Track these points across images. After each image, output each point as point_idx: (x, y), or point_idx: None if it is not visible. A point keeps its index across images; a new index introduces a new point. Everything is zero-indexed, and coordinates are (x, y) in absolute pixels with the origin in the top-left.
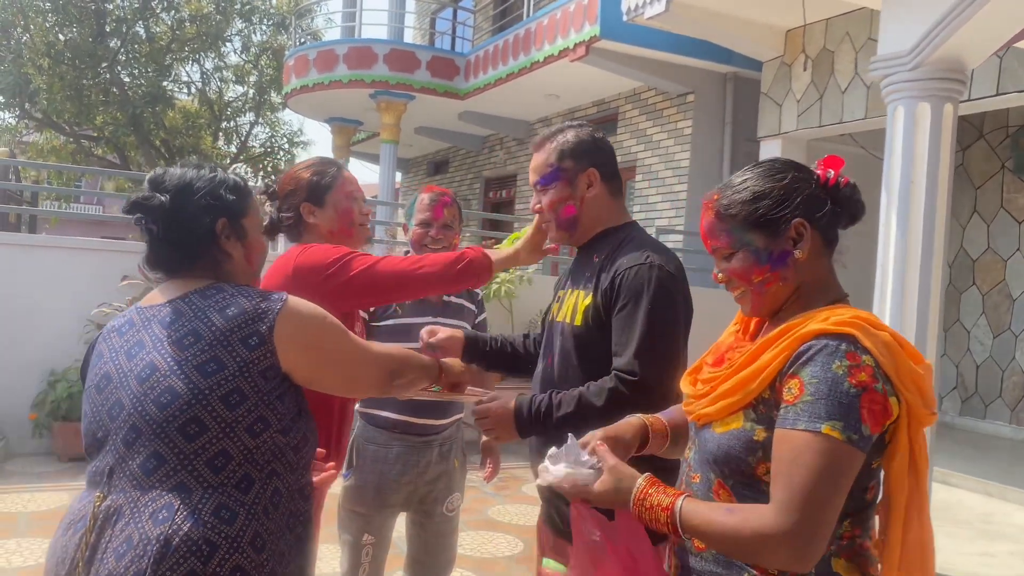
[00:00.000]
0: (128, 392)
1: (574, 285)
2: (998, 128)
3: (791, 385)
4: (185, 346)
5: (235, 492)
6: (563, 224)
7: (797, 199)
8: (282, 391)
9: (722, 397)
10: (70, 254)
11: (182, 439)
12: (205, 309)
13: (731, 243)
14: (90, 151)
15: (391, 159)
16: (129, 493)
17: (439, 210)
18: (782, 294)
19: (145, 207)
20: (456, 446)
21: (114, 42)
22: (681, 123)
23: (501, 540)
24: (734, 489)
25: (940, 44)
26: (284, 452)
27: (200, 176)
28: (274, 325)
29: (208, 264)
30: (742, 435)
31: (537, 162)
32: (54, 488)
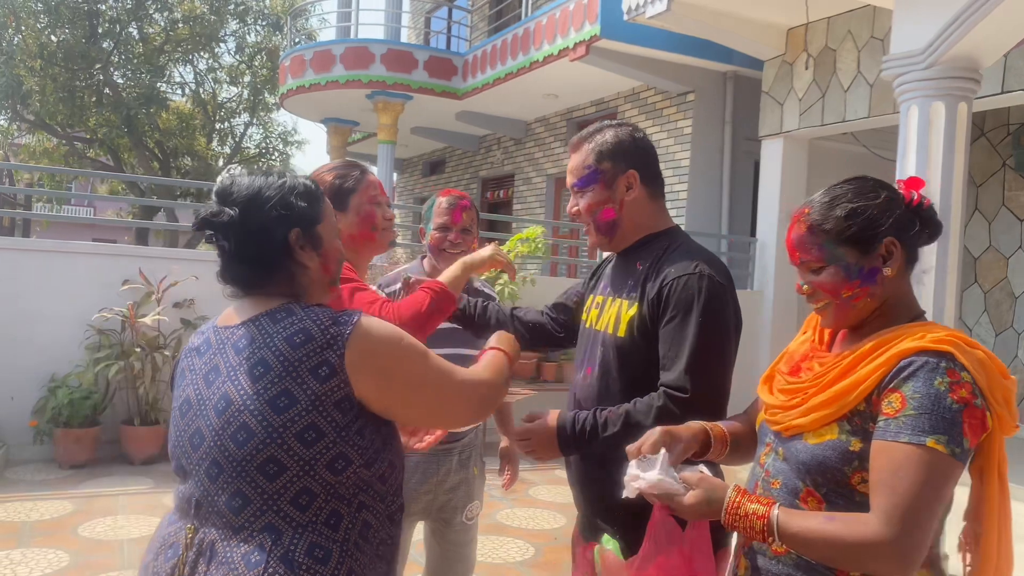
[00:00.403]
0: (207, 423)
1: (615, 293)
2: (999, 126)
3: (892, 399)
4: (256, 377)
5: (325, 529)
6: (602, 228)
7: (890, 218)
8: (362, 424)
9: (816, 409)
10: (71, 258)
11: (263, 479)
12: (273, 336)
13: (822, 257)
14: (83, 153)
15: (389, 160)
16: (221, 531)
17: (458, 214)
18: (867, 309)
19: (214, 223)
20: (475, 453)
21: (107, 43)
22: (681, 123)
23: (512, 545)
24: (826, 497)
25: (955, 43)
26: (371, 484)
27: (269, 184)
28: (344, 352)
29: (284, 278)
30: (838, 446)
31: (574, 163)
32: (57, 496)
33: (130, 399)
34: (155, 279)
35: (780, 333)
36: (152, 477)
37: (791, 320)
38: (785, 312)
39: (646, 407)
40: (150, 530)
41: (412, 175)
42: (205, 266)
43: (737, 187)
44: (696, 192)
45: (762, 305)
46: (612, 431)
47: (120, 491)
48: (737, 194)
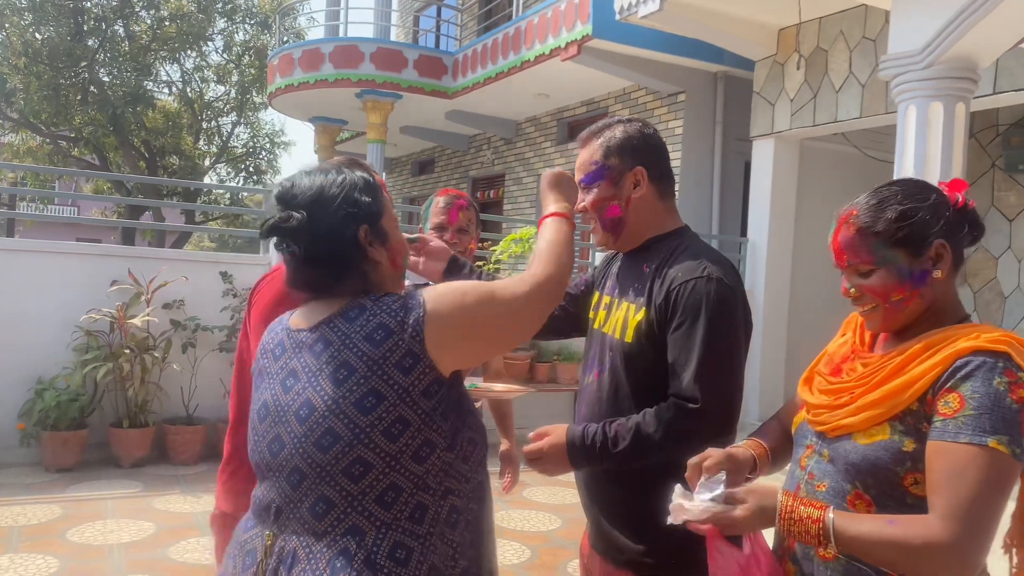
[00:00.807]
0: (288, 430)
1: (622, 295)
2: (988, 127)
3: (949, 399)
4: (339, 381)
5: (408, 524)
6: (607, 225)
7: (940, 220)
8: (445, 406)
9: (866, 408)
10: (58, 259)
11: (348, 481)
12: (351, 336)
13: (873, 260)
14: (68, 152)
15: (378, 159)
16: (303, 538)
17: (454, 213)
18: (915, 312)
19: (285, 229)
20: None
21: (92, 41)
22: (672, 123)
23: (508, 548)
24: (876, 500)
25: (953, 43)
26: (454, 466)
27: (331, 182)
28: (423, 338)
29: (357, 277)
30: (891, 446)
31: (582, 159)
32: (45, 500)
33: (119, 401)
34: (144, 280)
35: (771, 333)
36: (141, 480)
37: (782, 322)
38: (776, 314)
39: (655, 420)
40: (140, 534)
41: (401, 175)
42: (194, 266)
43: (728, 187)
44: (687, 192)
45: (752, 305)
46: (623, 446)
47: (109, 495)
48: (728, 194)
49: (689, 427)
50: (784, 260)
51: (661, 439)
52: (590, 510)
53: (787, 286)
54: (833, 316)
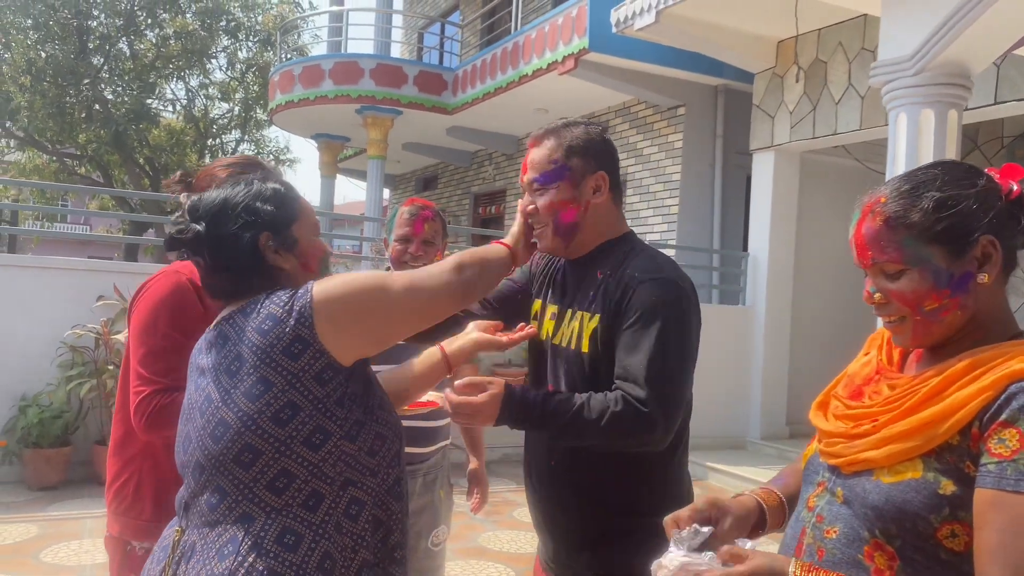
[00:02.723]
0: (194, 426)
1: (574, 305)
2: (993, 139)
3: (1005, 436)
4: (232, 372)
5: (301, 512)
6: (561, 230)
7: (990, 212)
8: (342, 393)
9: (893, 440)
10: (43, 274)
11: (239, 469)
12: (245, 328)
13: (903, 258)
14: (73, 169)
15: (378, 175)
16: (200, 529)
17: (419, 225)
18: (953, 326)
19: (183, 240)
20: (441, 475)
21: (97, 59)
22: (672, 136)
23: (493, 570)
24: (900, 552)
25: (943, 49)
26: (357, 458)
27: (236, 193)
28: (313, 323)
29: (265, 283)
30: (923, 488)
31: (537, 157)
32: (23, 519)
33: (103, 418)
34: (130, 295)
35: (772, 350)
36: None
37: (783, 336)
38: (777, 328)
39: (601, 407)
40: None
41: (405, 191)
42: None
43: (729, 201)
44: (687, 206)
45: (754, 322)
46: (562, 421)
47: (88, 514)
48: (729, 208)
49: (632, 426)
50: (785, 274)
51: (601, 428)
52: (547, 524)
53: (789, 301)
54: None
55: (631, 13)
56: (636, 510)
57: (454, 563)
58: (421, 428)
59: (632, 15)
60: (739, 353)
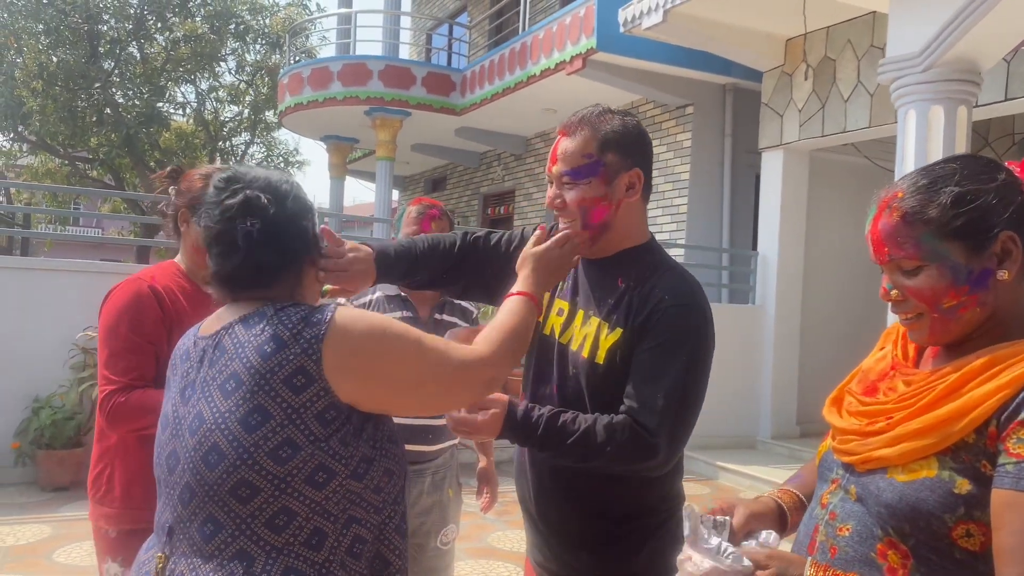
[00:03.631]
0: (182, 444)
1: (588, 307)
2: (1004, 136)
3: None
4: (228, 392)
5: (304, 551)
6: (590, 228)
7: (1010, 206)
8: (345, 432)
9: (908, 438)
10: (55, 276)
11: (236, 502)
12: (245, 344)
13: (921, 255)
14: (85, 173)
15: (387, 176)
16: (191, 560)
17: (426, 223)
18: (972, 323)
19: (255, 206)
20: (450, 474)
21: (108, 63)
22: (680, 136)
23: (502, 570)
24: (914, 551)
25: (952, 44)
26: (362, 495)
27: (282, 179)
28: (321, 357)
29: (294, 276)
30: (938, 487)
31: (569, 148)
32: (36, 520)
33: None
34: None
35: (782, 349)
36: None
37: (793, 336)
38: (787, 328)
39: (607, 434)
40: None
41: (414, 192)
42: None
43: (738, 200)
44: (696, 206)
45: (763, 321)
46: (567, 444)
47: None
48: (738, 207)
49: (635, 455)
50: (795, 273)
51: (606, 453)
52: (541, 522)
53: (799, 300)
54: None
55: (639, 12)
56: (634, 512)
57: (463, 562)
58: (429, 427)
59: (640, 14)
60: (749, 352)
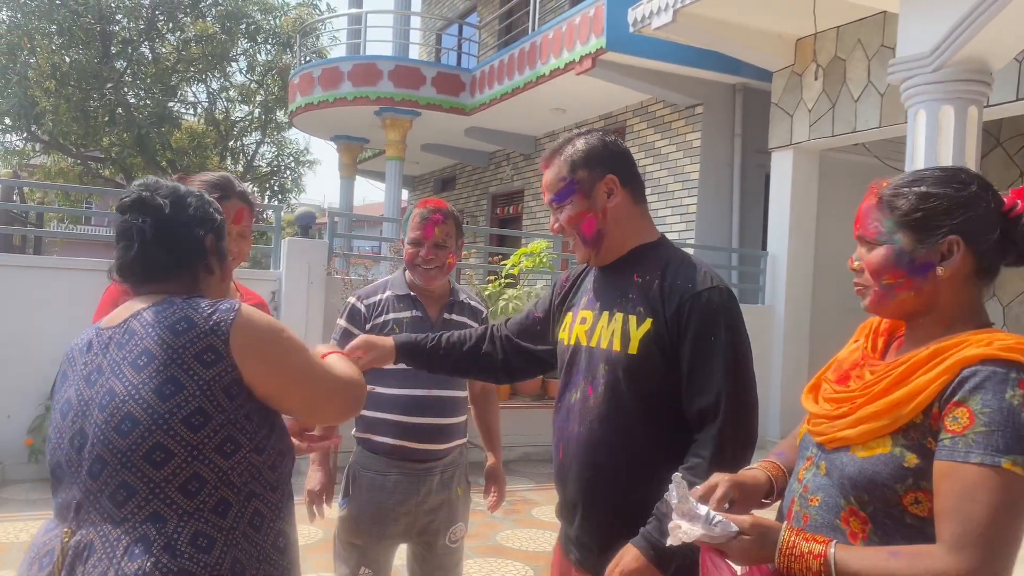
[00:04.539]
0: (91, 422)
1: (610, 307)
2: (1016, 135)
3: (957, 414)
4: (140, 367)
5: (212, 517)
6: (588, 240)
7: (963, 215)
8: (250, 408)
9: (866, 420)
10: (68, 275)
11: (149, 467)
12: (156, 326)
13: (878, 234)
14: (97, 172)
15: (396, 176)
16: (100, 527)
17: (430, 229)
18: (907, 304)
19: (148, 206)
20: (459, 473)
21: (120, 63)
22: (690, 135)
23: (510, 568)
24: (872, 517)
25: (963, 44)
26: (261, 471)
27: (189, 192)
28: (229, 337)
29: (188, 276)
30: (890, 461)
31: (549, 179)
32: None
33: None
34: None
35: (792, 350)
36: None
37: (803, 336)
38: (797, 328)
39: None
40: None
41: (424, 192)
42: None
43: (748, 200)
44: (706, 205)
45: (773, 321)
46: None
47: None
48: (748, 207)
49: (730, 456)
50: (805, 273)
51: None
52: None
53: (808, 300)
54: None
55: (648, 12)
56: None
57: (472, 561)
58: (438, 425)
59: (649, 14)
60: (758, 352)
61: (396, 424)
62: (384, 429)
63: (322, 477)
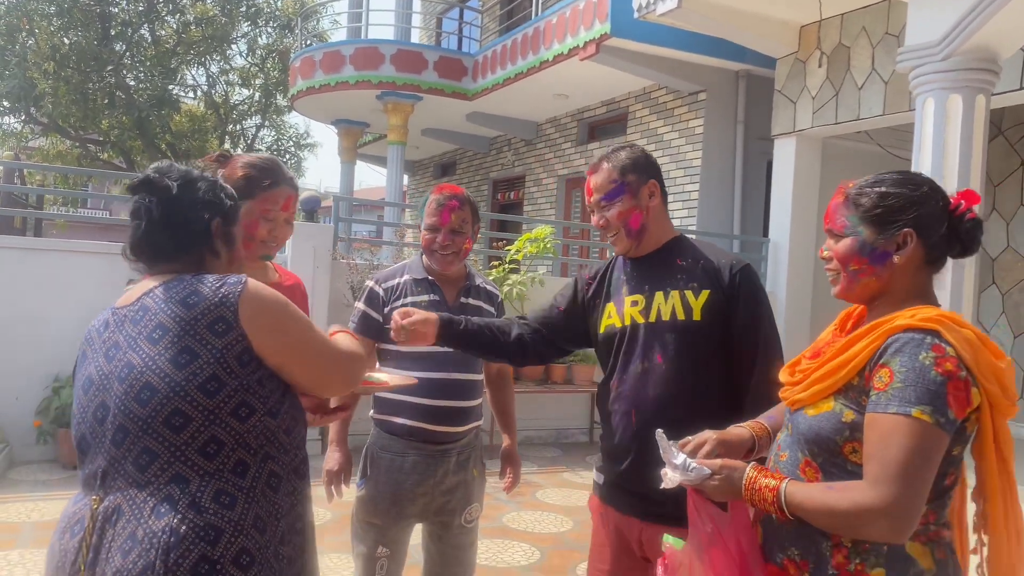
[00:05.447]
0: (111, 394)
1: (661, 287)
2: (1017, 124)
3: (881, 374)
4: (155, 340)
5: (232, 477)
6: (632, 233)
7: (916, 212)
8: (261, 375)
9: (814, 383)
10: (74, 258)
11: (169, 432)
12: (168, 301)
13: (845, 228)
14: (96, 155)
15: (398, 161)
16: (126, 492)
17: (446, 215)
18: (870, 288)
19: (156, 186)
20: (475, 454)
21: (119, 46)
22: (692, 122)
23: (517, 549)
24: (822, 467)
25: (972, 33)
26: (275, 434)
27: (202, 176)
28: (237, 307)
29: (194, 258)
30: (832, 417)
31: (598, 181)
32: (59, 496)
33: None
34: None
35: (793, 335)
36: None
37: (804, 322)
38: (798, 314)
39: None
40: None
41: (424, 177)
42: None
43: (749, 187)
44: (708, 192)
45: (775, 307)
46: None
47: None
48: (749, 194)
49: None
50: (806, 261)
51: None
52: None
53: (810, 287)
54: None
55: None
56: None
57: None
58: (455, 408)
59: (654, 0)
60: None
61: (415, 406)
62: (403, 411)
63: (340, 458)
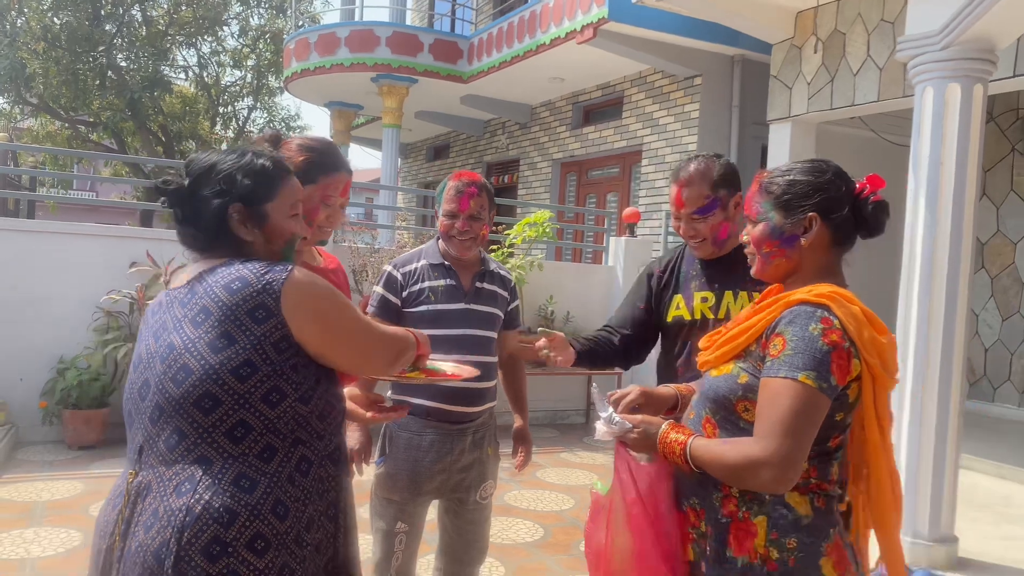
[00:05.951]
0: (153, 373)
1: (732, 287)
2: (1008, 111)
3: (776, 342)
4: (198, 323)
5: (256, 462)
6: (719, 242)
7: (820, 197)
8: (296, 361)
9: (719, 347)
10: (79, 240)
11: (199, 413)
12: (214, 285)
13: (758, 213)
14: (86, 136)
15: (393, 143)
16: (156, 469)
17: (465, 201)
18: (782, 268)
19: (164, 191)
20: (489, 434)
21: (110, 26)
22: (688, 106)
23: (520, 526)
24: (719, 423)
25: (972, 23)
26: (308, 420)
27: (224, 160)
28: (280, 296)
29: (228, 246)
30: (729, 378)
31: (691, 194)
32: (67, 476)
33: None
34: (162, 261)
35: None
36: None
37: None
38: None
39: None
40: None
41: (416, 160)
42: None
43: (744, 171)
44: None
45: None
46: None
47: None
48: (744, 178)
49: None
50: None
51: None
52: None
53: None
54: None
55: None
56: None
57: None
58: (472, 389)
59: None
60: None
61: (433, 387)
62: (422, 392)
63: (361, 437)
